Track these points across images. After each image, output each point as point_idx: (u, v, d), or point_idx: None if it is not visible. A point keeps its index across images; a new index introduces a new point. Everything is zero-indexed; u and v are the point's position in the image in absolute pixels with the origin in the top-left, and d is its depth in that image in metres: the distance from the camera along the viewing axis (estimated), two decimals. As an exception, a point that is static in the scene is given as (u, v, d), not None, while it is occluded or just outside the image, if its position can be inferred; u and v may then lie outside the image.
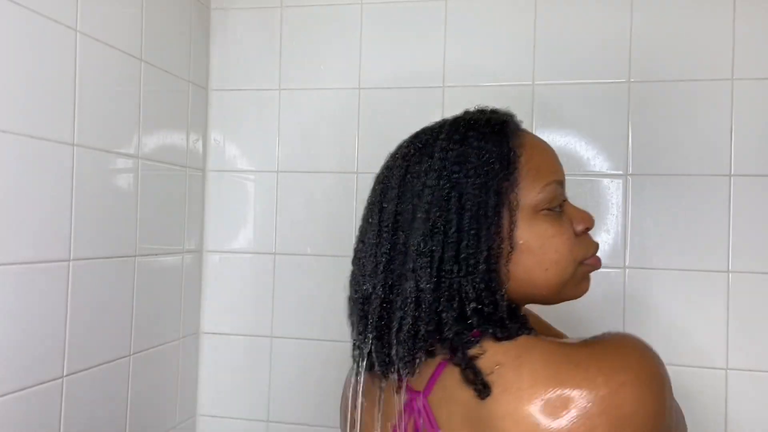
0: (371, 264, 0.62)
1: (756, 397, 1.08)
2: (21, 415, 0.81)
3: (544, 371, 0.52)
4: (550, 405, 0.50)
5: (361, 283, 0.63)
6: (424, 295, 0.58)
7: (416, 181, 0.61)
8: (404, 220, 0.60)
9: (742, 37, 1.09)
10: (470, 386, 0.54)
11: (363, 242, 0.64)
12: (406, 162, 0.63)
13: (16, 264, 0.80)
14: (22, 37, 0.80)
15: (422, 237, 0.59)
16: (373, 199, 0.65)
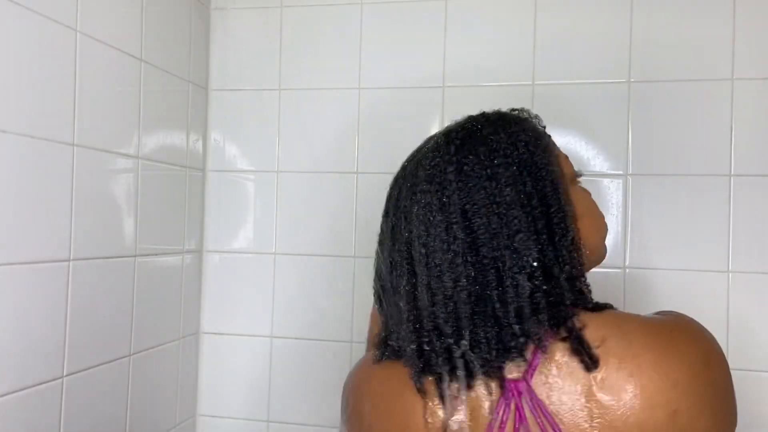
0: (446, 260, 0.60)
1: (756, 397, 1.08)
2: (21, 415, 0.81)
3: (647, 340, 0.57)
4: (663, 368, 0.56)
5: (437, 283, 0.60)
6: (531, 271, 0.59)
7: (479, 168, 0.62)
8: (477, 209, 0.60)
9: (742, 37, 1.09)
10: (578, 358, 0.56)
11: (425, 243, 0.61)
12: (458, 154, 0.63)
13: (16, 264, 0.80)
14: (22, 37, 0.80)
15: (514, 217, 0.60)
16: (427, 198, 0.62)
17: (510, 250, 0.59)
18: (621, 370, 0.56)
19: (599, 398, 0.55)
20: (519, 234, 0.60)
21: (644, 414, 0.54)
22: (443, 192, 0.62)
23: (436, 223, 0.61)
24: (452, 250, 0.60)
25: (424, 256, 0.62)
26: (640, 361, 0.56)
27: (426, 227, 0.62)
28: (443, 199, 0.62)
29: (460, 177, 0.62)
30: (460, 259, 0.60)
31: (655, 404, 0.55)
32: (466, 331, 0.59)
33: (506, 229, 0.60)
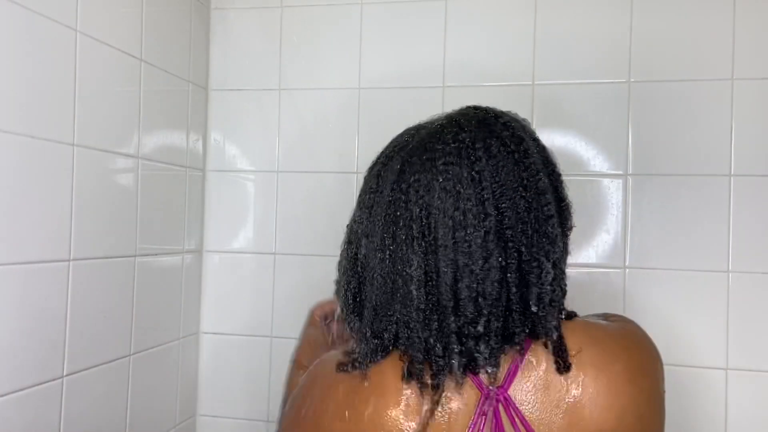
0: (478, 236, 0.58)
1: (756, 397, 1.08)
2: (21, 415, 0.81)
3: (616, 349, 0.60)
4: (631, 377, 0.59)
5: (465, 259, 0.58)
6: (556, 258, 0.61)
7: (505, 151, 0.61)
8: (506, 190, 0.59)
9: (742, 37, 1.09)
10: (554, 360, 0.58)
11: (453, 216, 0.58)
12: (483, 132, 0.62)
13: (16, 264, 0.79)
14: (22, 37, 0.80)
15: (548, 202, 0.61)
16: (455, 171, 0.60)
17: (539, 234, 0.59)
18: (599, 380, 0.58)
19: (576, 407, 0.57)
20: (551, 219, 0.60)
21: (618, 421, 0.57)
22: (472, 167, 0.60)
23: (466, 197, 0.59)
24: (484, 226, 0.58)
25: (450, 229, 0.58)
26: (613, 370, 0.58)
27: (455, 200, 0.59)
28: (473, 174, 0.59)
29: (489, 154, 0.60)
30: (492, 236, 0.58)
31: (626, 411, 0.57)
32: (485, 314, 0.58)
33: (537, 214, 0.60)
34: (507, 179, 0.60)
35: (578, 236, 1.14)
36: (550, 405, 0.57)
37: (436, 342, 0.59)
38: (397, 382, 0.60)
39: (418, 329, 0.59)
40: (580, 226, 1.13)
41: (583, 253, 1.14)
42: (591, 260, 1.14)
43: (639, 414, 0.58)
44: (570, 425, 0.57)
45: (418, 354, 0.59)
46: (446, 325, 0.59)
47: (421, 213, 0.59)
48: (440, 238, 0.58)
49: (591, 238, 1.14)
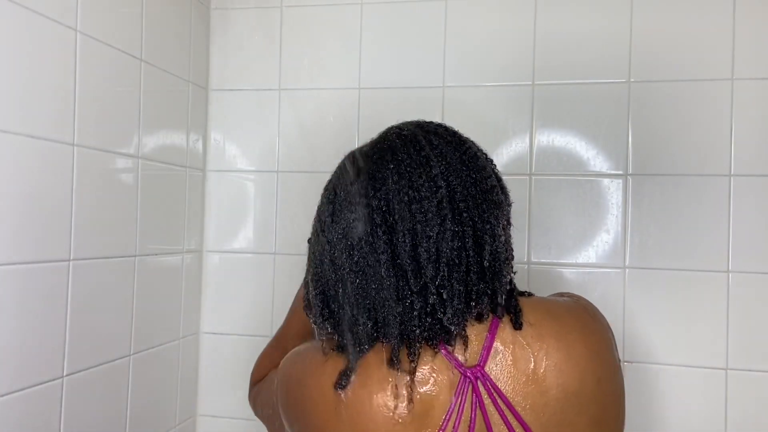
0: (432, 211, 0.65)
1: (756, 397, 1.08)
2: (21, 415, 0.81)
3: (572, 320, 0.68)
4: (587, 344, 0.67)
5: (422, 228, 0.64)
6: (505, 238, 0.69)
7: (443, 152, 0.68)
8: (452, 179, 0.67)
9: (742, 37, 1.10)
10: (510, 317, 0.66)
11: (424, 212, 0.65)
12: (425, 143, 0.69)
13: (16, 264, 0.80)
14: (22, 37, 0.80)
15: (488, 186, 0.68)
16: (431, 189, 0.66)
17: (487, 202, 0.67)
18: (559, 349, 0.65)
19: (543, 376, 0.63)
20: (495, 189, 0.69)
21: (580, 383, 0.64)
22: (419, 153, 0.68)
23: (417, 175, 0.66)
24: (437, 197, 0.65)
25: (406, 204, 0.65)
26: (571, 339, 0.66)
27: (407, 181, 0.66)
28: (420, 158, 0.67)
29: (431, 143, 0.69)
30: (446, 204, 0.65)
31: (586, 374, 0.65)
32: (444, 273, 0.63)
33: (481, 185, 0.67)
34: (451, 160, 0.68)
35: (578, 236, 1.14)
36: (520, 377, 0.63)
37: (409, 313, 0.64)
38: (381, 369, 0.64)
39: (392, 306, 0.64)
40: (580, 226, 1.14)
41: (583, 253, 1.14)
42: (591, 260, 1.14)
43: (597, 377, 0.65)
44: (540, 393, 0.63)
45: (394, 330, 0.64)
46: (413, 292, 0.64)
47: (380, 203, 0.65)
48: (397, 215, 0.65)
49: (591, 238, 1.14)
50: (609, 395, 0.66)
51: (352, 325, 0.66)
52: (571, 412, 0.64)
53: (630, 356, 1.12)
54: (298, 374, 0.70)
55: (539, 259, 1.16)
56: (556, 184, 1.16)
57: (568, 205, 1.15)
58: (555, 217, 1.15)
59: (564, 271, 1.15)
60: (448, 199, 0.65)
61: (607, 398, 0.66)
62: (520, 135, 1.17)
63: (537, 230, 1.15)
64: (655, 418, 1.11)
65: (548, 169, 1.16)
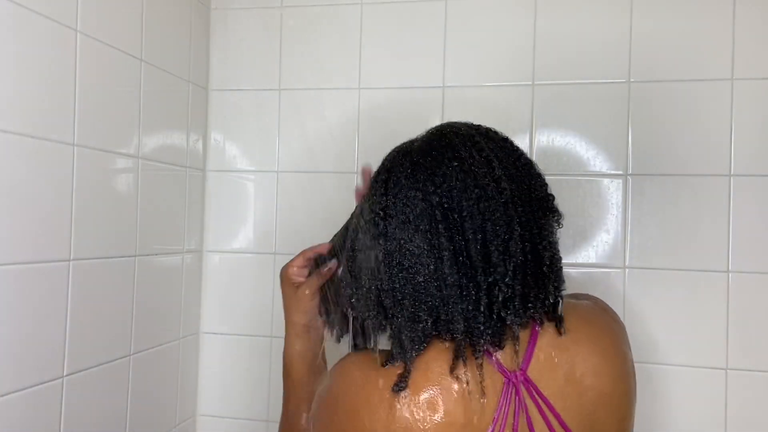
0: (500, 209, 0.65)
1: (756, 397, 1.08)
2: (21, 415, 0.81)
3: (603, 324, 0.73)
4: (618, 347, 0.71)
5: (492, 228, 0.64)
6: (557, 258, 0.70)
7: (500, 155, 0.69)
8: (513, 183, 0.67)
9: (742, 37, 1.10)
10: (554, 325, 0.68)
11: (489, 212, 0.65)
12: (485, 144, 0.70)
13: (16, 264, 0.80)
14: (22, 37, 0.80)
15: (544, 193, 0.71)
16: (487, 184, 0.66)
17: (544, 209, 0.70)
18: (595, 353, 0.67)
19: (581, 378, 0.66)
20: (550, 197, 0.72)
21: (613, 384, 0.68)
22: (481, 153, 0.68)
23: (482, 175, 0.66)
24: (503, 197, 0.66)
25: (475, 201, 0.65)
26: (604, 343, 0.69)
27: (473, 179, 0.66)
28: (482, 158, 0.68)
29: (489, 146, 0.69)
30: (511, 206, 0.66)
31: (617, 375, 0.69)
32: (510, 271, 0.64)
33: (538, 192, 0.70)
34: (508, 164, 0.68)
35: (578, 236, 1.14)
36: (560, 380, 0.65)
37: (474, 310, 0.64)
38: (442, 370, 0.63)
39: (457, 302, 0.64)
40: (580, 226, 1.14)
41: (583, 253, 1.14)
42: (591, 260, 1.14)
43: (625, 376, 0.70)
44: (578, 394, 0.65)
45: (459, 326, 0.63)
46: (480, 289, 0.64)
47: (442, 200, 0.65)
48: (465, 212, 0.64)
49: (591, 238, 1.14)
50: (632, 393, 0.71)
51: (413, 322, 0.64)
52: (603, 412, 0.67)
53: (630, 356, 1.12)
54: (349, 383, 0.67)
55: (539, 259, 1.16)
56: (556, 184, 1.14)
57: (568, 205, 1.15)
58: (555, 217, 1.15)
59: (564, 271, 1.15)
60: (512, 202, 0.65)
61: (631, 396, 0.71)
62: (520, 135, 1.17)
63: (537, 230, 1.15)
64: (656, 418, 1.11)
65: (548, 169, 1.15)
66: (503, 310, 0.64)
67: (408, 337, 0.64)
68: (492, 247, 0.64)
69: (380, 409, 0.63)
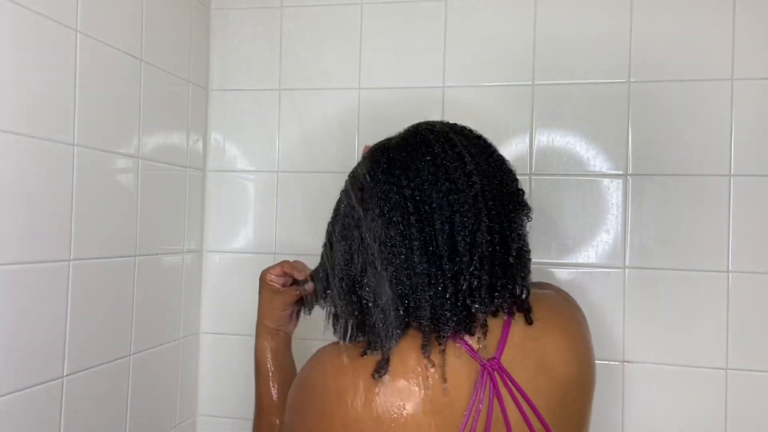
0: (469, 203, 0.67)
1: (756, 397, 1.08)
2: (21, 415, 0.81)
3: (569, 313, 0.76)
4: (583, 334, 0.75)
5: (460, 220, 0.67)
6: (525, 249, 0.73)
7: (473, 151, 0.72)
8: (484, 178, 0.70)
9: (742, 37, 1.09)
10: (524, 315, 0.70)
11: (460, 204, 0.67)
12: (458, 141, 0.72)
13: (16, 264, 0.80)
14: (22, 37, 0.80)
15: (515, 188, 0.73)
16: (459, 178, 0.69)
17: (514, 203, 0.72)
18: (563, 339, 0.71)
19: (551, 365, 0.69)
20: (521, 192, 0.74)
21: (579, 368, 0.71)
22: (453, 149, 0.70)
23: (453, 169, 0.69)
24: (473, 190, 0.68)
25: (445, 194, 0.67)
26: (571, 331, 0.73)
27: (444, 173, 0.68)
28: (455, 153, 0.70)
29: (462, 142, 0.72)
30: (480, 198, 0.68)
31: (583, 360, 0.72)
32: (476, 261, 0.66)
33: (509, 187, 0.72)
34: (480, 159, 0.71)
35: (578, 236, 1.14)
36: (531, 367, 0.68)
37: (441, 297, 0.66)
38: (413, 357, 0.66)
39: (424, 290, 0.66)
40: (580, 226, 1.14)
41: (583, 253, 1.14)
42: (591, 260, 1.14)
43: (588, 360, 0.74)
44: (548, 380, 0.68)
45: (426, 313, 0.66)
46: (446, 278, 0.66)
47: (414, 193, 0.67)
48: (435, 204, 0.67)
49: (591, 238, 1.14)
50: (594, 377, 0.75)
51: (385, 311, 0.67)
52: (572, 397, 0.70)
53: (630, 356, 1.12)
54: (321, 371, 0.70)
55: (539, 259, 1.15)
56: (556, 184, 1.16)
57: (568, 205, 1.15)
58: (555, 217, 1.15)
59: (564, 271, 1.15)
60: (482, 195, 0.68)
61: (594, 380, 0.74)
62: (520, 135, 1.17)
63: (537, 230, 1.15)
64: (655, 417, 1.11)
65: (548, 169, 1.16)
66: (468, 299, 0.66)
67: (383, 326, 0.67)
68: (459, 238, 0.66)
69: (358, 397, 0.65)
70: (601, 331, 1.12)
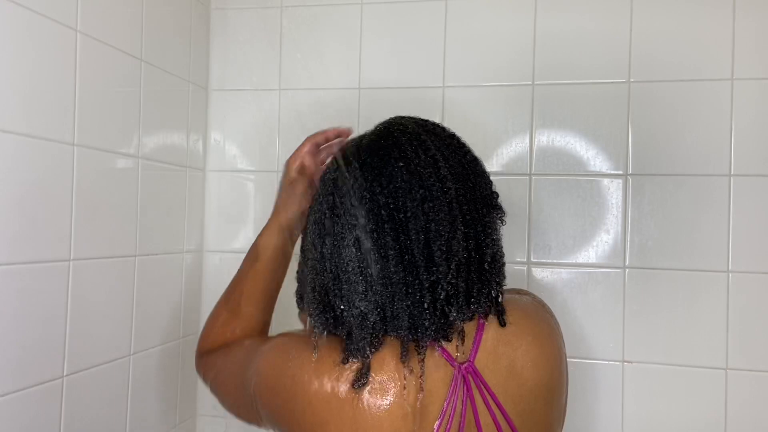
0: (444, 213, 0.66)
1: (756, 397, 1.08)
2: (21, 415, 0.81)
3: (540, 318, 0.75)
4: (554, 340, 0.74)
5: (436, 228, 0.66)
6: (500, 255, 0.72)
7: (447, 154, 0.71)
8: (458, 182, 0.69)
9: (742, 37, 1.10)
10: (497, 318, 0.70)
11: (430, 205, 0.66)
12: (431, 143, 0.71)
13: (16, 264, 0.80)
14: (22, 37, 0.80)
15: (489, 191, 0.72)
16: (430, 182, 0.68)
17: (488, 207, 0.71)
18: (534, 345, 0.70)
19: (521, 370, 0.68)
20: (494, 195, 0.73)
21: (549, 375, 0.70)
22: (426, 153, 0.69)
23: (427, 175, 0.68)
24: (447, 197, 0.67)
25: (419, 202, 0.66)
26: (543, 337, 0.72)
27: (418, 179, 0.67)
28: (428, 158, 0.69)
29: (436, 145, 0.71)
30: (455, 205, 0.67)
31: (553, 366, 0.71)
32: (453, 270, 0.65)
33: (482, 191, 0.71)
34: (454, 162, 0.70)
35: (578, 236, 1.14)
36: (502, 371, 0.68)
37: (419, 307, 0.65)
38: (391, 365, 0.66)
39: (401, 300, 0.65)
40: (580, 226, 1.14)
41: (583, 253, 1.14)
42: (591, 260, 1.14)
43: (560, 368, 0.73)
44: (518, 385, 0.68)
45: (404, 323, 0.65)
46: (423, 288, 0.65)
47: (388, 201, 0.66)
48: (409, 212, 0.65)
49: (591, 238, 1.14)
50: (565, 385, 0.74)
51: (363, 320, 0.66)
52: (540, 403, 0.70)
53: (630, 356, 1.12)
54: (294, 371, 0.69)
55: (539, 259, 1.16)
56: (556, 184, 1.16)
57: (568, 205, 1.15)
58: (555, 216, 1.15)
59: (564, 271, 1.15)
60: (456, 201, 0.67)
61: (564, 387, 0.74)
62: (520, 135, 1.17)
63: (537, 230, 1.15)
64: (656, 417, 1.11)
65: (548, 169, 1.16)
66: (447, 307, 0.66)
67: (360, 335, 0.66)
68: (435, 247, 0.65)
69: (344, 406, 0.65)
70: (601, 331, 1.12)
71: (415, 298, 0.65)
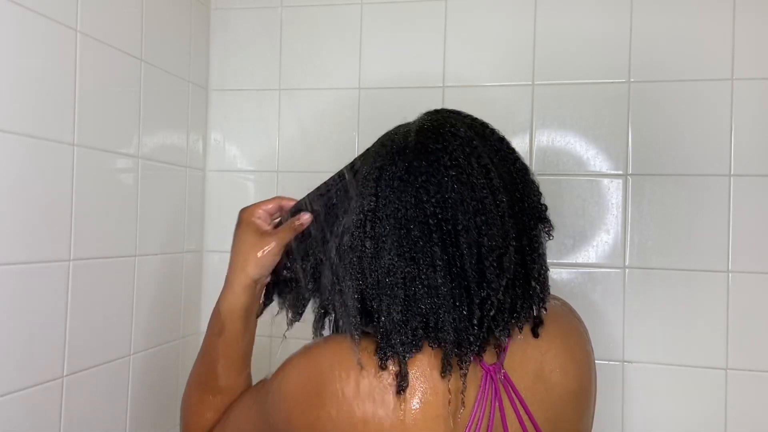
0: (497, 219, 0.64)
1: (756, 397, 1.08)
2: (21, 415, 0.81)
3: (570, 324, 0.74)
4: (584, 346, 0.73)
5: (489, 240, 0.63)
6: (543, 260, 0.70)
7: (498, 162, 0.68)
8: (509, 194, 0.67)
9: (742, 37, 1.09)
10: (531, 327, 0.68)
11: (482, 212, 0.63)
12: (482, 150, 0.68)
13: (16, 264, 0.80)
14: (22, 37, 0.80)
15: (539, 203, 0.70)
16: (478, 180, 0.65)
17: (537, 220, 0.69)
18: (565, 351, 0.69)
19: (550, 375, 0.67)
20: (544, 207, 0.72)
21: (579, 382, 0.69)
22: (479, 161, 0.66)
23: (480, 186, 0.65)
24: (500, 211, 0.65)
25: (471, 215, 0.63)
26: (572, 342, 0.71)
27: (470, 191, 0.64)
28: (480, 167, 0.66)
29: (487, 151, 0.69)
30: (507, 219, 0.65)
31: (583, 373, 0.70)
32: (503, 287, 0.63)
33: (532, 202, 0.69)
34: (504, 172, 0.67)
35: (578, 236, 1.14)
36: (530, 375, 0.67)
37: (466, 321, 0.62)
38: (433, 373, 0.63)
39: (448, 312, 0.62)
40: (580, 226, 1.14)
41: (583, 253, 1.14)
42: (591, 260, 1.14)
43: (589, 374, 0.71)
44: (546, 390, 0.67)
45: (449, 336, 0.62)
46: (473, 303, 0.63)
47: (436, 210, 0.63)
48: (461, 225, 0.63)
49: (591, 238, 1.14)
50: (594, 391, 0.73)
51: (403, 326, 0.63)
52: (570, 412, 0.68)
53: (630, 356, 1.12)
54: (335, 381, 0.64)
55: (539, 259, 1.16)
56: (556, 184, 1.16)
57: (568, 205, 1.15)
58: (555, 217, 1.14)
59: (564, 271, 1.15)
60: (508, 214, 0.65)
61: (593, 394, 0.72)
62: (520, 135, 1.17)
63: (537, 230, 1.15)
64: (655, 418, 1.11)
65: (548, 169, 1.16)
66: (492, 323, 0.63)
67: (399, 341, 0.62)
68: (487, 263, 0.62)
69: (380, 409, 0.62)
70: (601, 331, 1.12)
71: (463, 313, 0.62)
